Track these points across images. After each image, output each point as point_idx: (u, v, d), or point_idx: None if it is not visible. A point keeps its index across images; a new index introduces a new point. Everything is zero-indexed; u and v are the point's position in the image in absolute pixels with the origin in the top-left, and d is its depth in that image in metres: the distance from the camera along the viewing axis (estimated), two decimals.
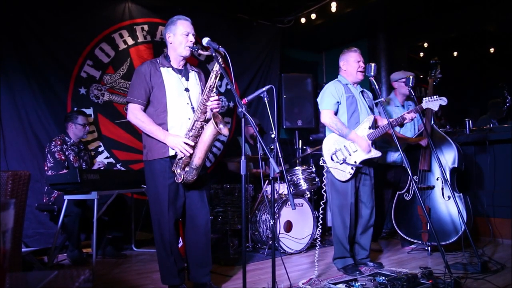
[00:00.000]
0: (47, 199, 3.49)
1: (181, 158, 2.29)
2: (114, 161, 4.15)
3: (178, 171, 2.30)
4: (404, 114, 3.03)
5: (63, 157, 3.51)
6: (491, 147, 3.92)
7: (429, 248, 3.42)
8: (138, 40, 4.35)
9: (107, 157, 4.13)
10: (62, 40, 3.90)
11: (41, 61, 3.77)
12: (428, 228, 3.28)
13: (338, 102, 3.01)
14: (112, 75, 4.20)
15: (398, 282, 2.38)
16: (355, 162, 2.92)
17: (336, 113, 3.03)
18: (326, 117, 2.99)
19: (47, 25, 3.81)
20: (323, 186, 3.02)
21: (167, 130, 2.35)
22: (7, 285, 0.78)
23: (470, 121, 4.12)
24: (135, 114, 2.37)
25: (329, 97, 3.00)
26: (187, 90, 2.41)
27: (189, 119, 2.36)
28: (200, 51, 2.41)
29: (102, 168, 3.79)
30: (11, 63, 3.63)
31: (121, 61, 4.25)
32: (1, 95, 3.57)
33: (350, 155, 2.93)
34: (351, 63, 3.06)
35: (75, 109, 3.90)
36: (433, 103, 2.98)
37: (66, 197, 3.15)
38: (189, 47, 2.37)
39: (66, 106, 3.91)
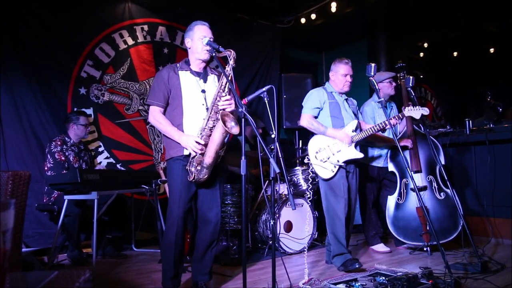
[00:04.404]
0: (47, 199, 3.49)
1: (194, 157, 2.36)
2: (114, 161, 4.15)
3: (192, 169, 2.36)
4: (387, 120, 3.09)
5: (63, 158, 3.51)
6: (491, 147, 3.92)
7: (428, 248, 3.42)
8: (138, 40, 4.35)
9: (107, 157, 4.13)
10: (62, 40, 3.90)
11: (41, 61, 3.77)
12: (428, 228, 3.29)
13: (318, 107, 3.14)
14: (112, 75, 4.20)
15: (398, 282, 2.38)
16: (338, 161, 3.02)
17: (317, 118, 3.15)
18: (303, 120, 3.15)
19: (47, 25, 3.81)
20: (309, 185, 3.10)
21: (183, 131, 2.42)
22: (7, 285, 0.78)
23: (470, 121, 4.12)
24: (154, 116, 2.47)
25: (310, 102, 3.16)
26: (203, 91, 2.47)
27: (204, 119, 2.40)
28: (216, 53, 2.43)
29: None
30: (11, 63, 3.63)
31: (121, 61, 4.25)
32: (1, 95, 3.57)
33: (333, 154, 3.04)
34: (338, 76, 3.17)
35: (75, 109, 3.90)
36: (415, 112, 3.10)
37: (66, 197, 3.15)
38: (207, 50, 2.41)
39: (66, 106, 3.91)
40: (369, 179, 3.74)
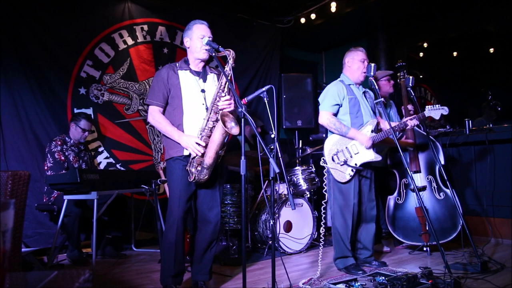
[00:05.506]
0: (47, 199, 3.49)
1: (194, 157, 2.35)
2: (114, 161, 4.15)
3: (192, 170, 2.36)
4: (406, 121, 3.05)
5: (62, 158, 3.51)
6: (490, 147, 3.93)
7: (428, 248, 3.42)
8: (138, 40, 4.35)
9: (107, 157, 4.13)
10: (62, 40, 3.90)
11: (41, 61, 3.77)
12: (428, 228, 3.29)
13: (338, 104, 3.00)
14: (112, 75, 4.20)
15: (398, 282, 2.38)
16: (356, 164, 2.93)
17: (336, 115, 3.03)
18: (323, 118, 3.00)
19: (47, 25, 3.81)
20: (324, 186, 3.02)
21: (183, 130, 2.41)
22: (7, 285, 0.78)
23: (470, 121, 4.12)
24: (153, 115, 2.47)
25: (329, 99, 3.00)
26: (203, 91, 2.46)
27: (203, 119, 2.40)
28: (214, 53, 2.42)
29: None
30: (11, 63, 3.63)
31: (121, 61, 4.25)
32: (1, 95, 3.57)
33: (351, 157, 2.94)
34: (356, 62, 3.06)
35: (75, 110, 3.90)
36: (435, 111, 3.00)
37: (66, 197, 3.15)
38: (206, 50, 2.40)
39: (66, 106, 3.91)
40: None
